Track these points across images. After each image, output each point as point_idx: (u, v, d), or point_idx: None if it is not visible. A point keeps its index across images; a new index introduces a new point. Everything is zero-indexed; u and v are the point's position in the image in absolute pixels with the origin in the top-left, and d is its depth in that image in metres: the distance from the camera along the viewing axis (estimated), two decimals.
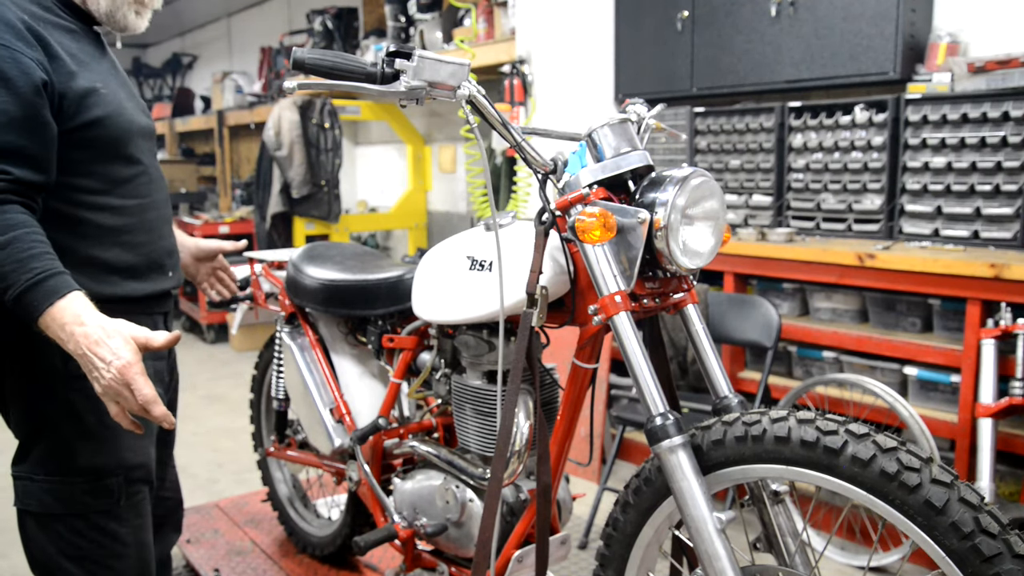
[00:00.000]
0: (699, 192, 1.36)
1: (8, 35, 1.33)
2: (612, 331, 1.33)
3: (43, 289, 1.26)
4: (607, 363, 3.31)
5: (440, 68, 1.29)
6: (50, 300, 1.26)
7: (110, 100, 1.46)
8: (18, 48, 1.32)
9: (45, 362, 1.43)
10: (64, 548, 1.46)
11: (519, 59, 3.77)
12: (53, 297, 1.27)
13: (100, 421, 1.47)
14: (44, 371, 1.43)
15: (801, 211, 3.07)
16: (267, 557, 2.57)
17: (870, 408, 2.61)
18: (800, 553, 1.36)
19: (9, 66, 1.30)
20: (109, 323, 1.28)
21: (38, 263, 1.27)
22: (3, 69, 1.30)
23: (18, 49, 1.32)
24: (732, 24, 3.18)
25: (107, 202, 1.47)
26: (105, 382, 1.25)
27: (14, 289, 1.26)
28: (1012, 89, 2.50)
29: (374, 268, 2.10)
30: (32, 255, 1.27)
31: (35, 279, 1.26)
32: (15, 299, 1.26)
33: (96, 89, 1.43)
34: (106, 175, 1.47)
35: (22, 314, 1.28)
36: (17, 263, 1.26)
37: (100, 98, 1.44)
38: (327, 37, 5.66)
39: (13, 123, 1.30)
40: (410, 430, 2.03)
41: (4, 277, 1.26)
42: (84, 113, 1.41)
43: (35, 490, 1.45)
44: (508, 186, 4.07)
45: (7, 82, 1.30)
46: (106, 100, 1.45)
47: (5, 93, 1.30)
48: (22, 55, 1.32)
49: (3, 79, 1.30)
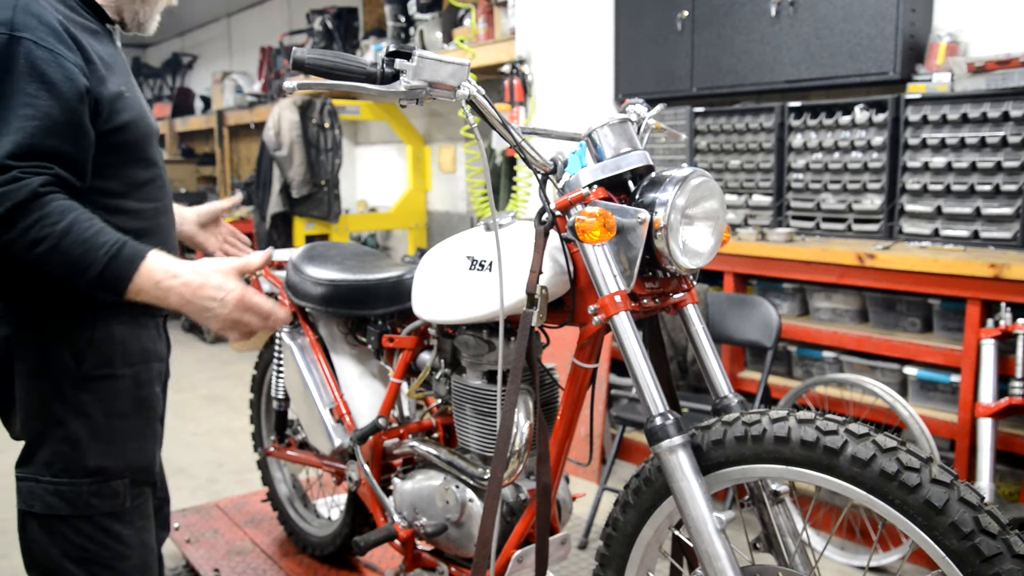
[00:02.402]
0: (699, 192, 1.36)
1: (51, 38, 1.32)
2: (612, 331, 1.33)
3: (122, 258, 1.29)
4: (607, 363, 3.31)
5: (440, 68, 1.29)
6: (135, 265, 1.29)
7: (134, 104, 1.46)
8: (61, 52, 1.32)
9: (56, 361, 1.43)
10: (68, 550, 1.45)
11: (519, 59, 3.77)
12: (136, 262, 1.29)
13: (109, 423, 1.47)
14: (55, 370, 1.43)
15: (801, 211, 3.07)
16: (267, 557, 2.57)
17: (870, 408, 2.61)
18: (800, 553, 1.36)
19: (54, 71, 1.30)
20: (199, 265, 1.34)
21: (105, 236, 1.29)
22: (48, 73, 1.29)
23: (61, 54, 1.32)
24: (732, 24, 3.18)
25: (127, 205, 1.46)
26: (224, 316, 1.34)
27: (94, 268, 1.27)
28: (1012, 89, 2.50)
29: (374, 268, 2.10)
30: (95, 231, 1.28)
31: (111, 252, 1.28)
32: (98, 277, 1.28)
33: (122, 93, 1.43)
34: (127, 178, 1.46)
35: (107, 289, 1.30)
36: (85, 243, 1.27)
37: (126, 102, 1.44)
38: (327, 37, 5.66)
39: (56, 128, 1.30)
40: (410, 430, 2.03)
41: (79, 260, 1.27)
42: (114, 118, 1.41)
43: (40, 492, 1.45)
44: (508, 186, 4.07)
45: (51, 87, 1.29)
46: (131, 104, 1.45)
47: (49, 97, 1.29)
48: (66, 60, 1.32)
49: (48, 83, 1.29)
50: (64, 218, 1.26)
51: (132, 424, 1.51)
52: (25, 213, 1.24)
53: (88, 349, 1.44)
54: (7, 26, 1.29)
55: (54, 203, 1.27)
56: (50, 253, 1.26)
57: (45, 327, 1.42)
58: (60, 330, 1.42)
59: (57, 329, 1.42)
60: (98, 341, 1.45)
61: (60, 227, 1.26)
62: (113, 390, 1.47)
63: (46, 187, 1.27)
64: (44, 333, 1.41)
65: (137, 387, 1.51)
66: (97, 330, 1.45)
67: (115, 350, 1.47)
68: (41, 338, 1.41)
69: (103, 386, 1.46)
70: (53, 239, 1.25)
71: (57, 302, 1.42)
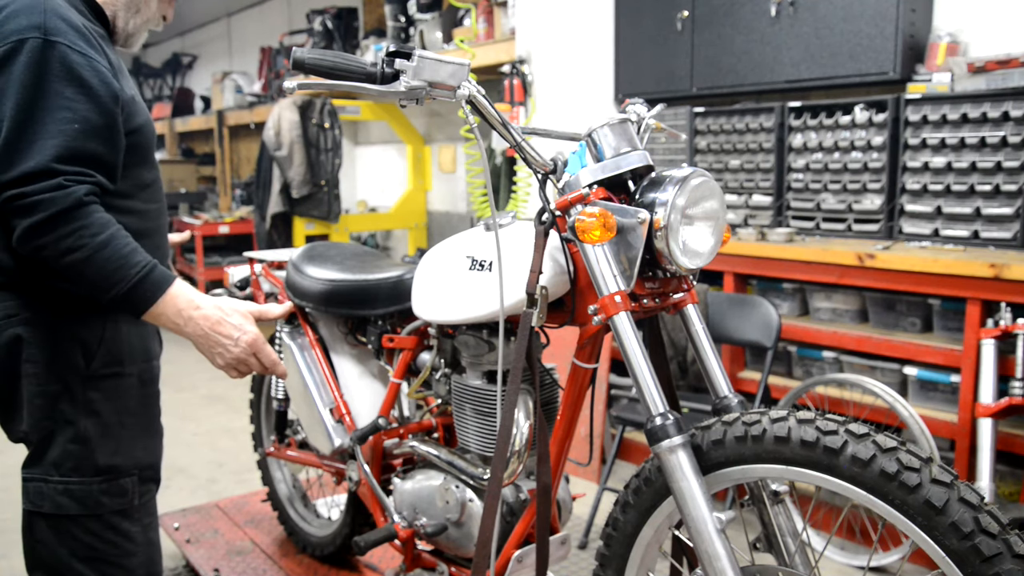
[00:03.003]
0: (699, 192, 1.36)
1: (83, 43, 1.33)
2: (612, 331, 1.33)
3: (151, 281, 1.32)
4: (607, 363, 3.31)
5: (440, 68, 1.29)
6: (162, 290, 1.33)
7: (142, 108, 1.49)
8: (93, 56, 1.34)
9: (66, 360, 1.43)
10: (77, 549, 1.46)
11: (519, 59, 3.77)
12: (164, 286, 1.33)
13: (119, 420, 1.47)
14: (64, 370, 1.43)
15: (801, 211, 3.07)
16: (267, 557, 2.57)
17: (870, 408, 2.61)
18: (800, 553, 1.36)
19: (89, 74, 1.32)
20: (222, 303, 1.40)
21: (139, 257, 1.32)
22: (85, 77, 1.31)
23: (94, 57, 1.34)
24: (732, 24, 3.18)
25: (133, 206, 1.48)
26: (232, 355, 1.40)
27: (123, 284, 1.30)
28: (1012, 89, 2.50)
29: (374, 268, 2.10)
30: (131, 250, 1.31)
31: (142, 272, 1.31)
32: (124, 294, 1.30)
33: (134, 97, 1.46)
34: (135, 179, 1.48)
35: (128, 306, 1.33)
36: (122, 259, 1.30)
37: (137, 106, 1.46)
38: (327, 37, 5.66)
39: (96, 131, 1.31)
40: (410, 430, 2.03)
41: (112, 274, 1.29)
42: (130, 121, 1.43)
43: (49, 492, 1.44)
44: (508, 186, 4.07)
45: (89, 90, 1.31)
46: (141, 107, 1.48)
47: (86, 101, 1.31)
48: (99, 63, 1.34)
49: (85, 87, 1.31)
50: (103, 232, 1.29)
51: (139, 421, 1.52)
52: (67, 221, 1.27)
53: (99, 348, 1.45)
54: (40, 30, 1.30)
55: (95, 215, 1.29)
56: (83, 264, 1.28)
57: (56, 326, 1.42)
58: (71, 329, 1.43)
59: (68, 328, 1.43)
60: (108, 340, 1.46)
61: (98, 240, 1.28)
62: (121, 388, 1.48)
63: (89, 196, 1.29)
64: (55, 332, 1.42)
65: (142, 385, 1.53)
66: (107, 329, 1.46)
67: (123, 348, 1.48)
68: (52, 337, 1.42)
69: (112, 384, 1.47)
70: (89, 250, 1.28)
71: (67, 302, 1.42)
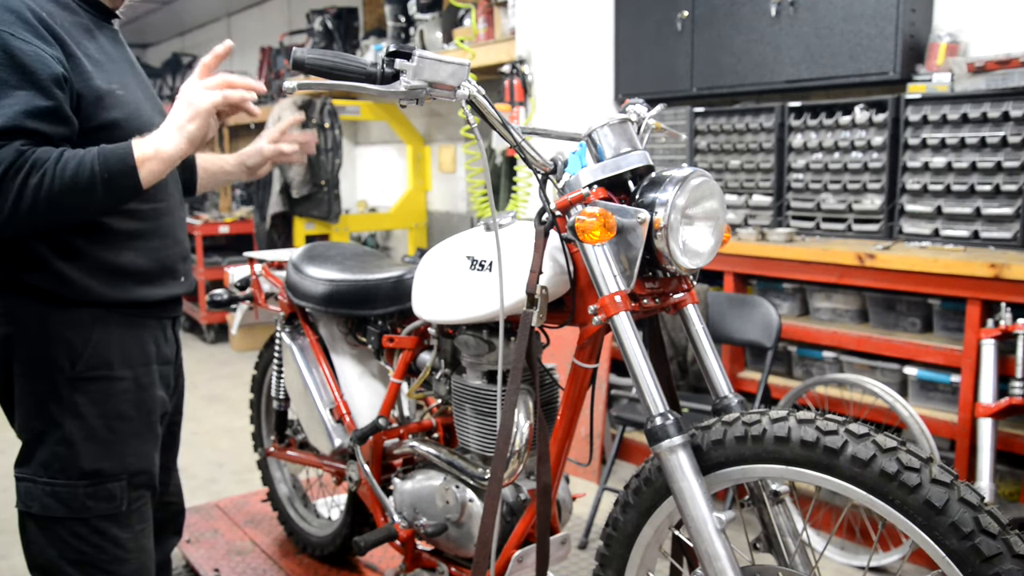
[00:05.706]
0: (699, 192, 1.36)
1: (27, 32, 1.33)
2: (612, 331, 1.33)
3: (109, 151, 1.33)
4: (607, 363, 3.31)
5: (440, 68, 1.29)
6: (125, 148, 1.34)
7: (127, 101, 1.46)
8: (37, 44, 1.34)
9: (51, 363, 1.43)
10: (65, 552, 1.45)
11: (519, 59, 3.77)
12: (125, 146, 1.34)
13: (106, 424, 1.46)
14: (50, 372, 1.43)
15: (801, 211, 3.07)
16: (267, 557, 2.57)
17: (870, 408, 2.61)
18: (800, 553, 1.36)
19: (32, 60, 1.31)
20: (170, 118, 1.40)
21: (86, 150, 1.33)
22: (26, 64, 1.31)
23: (38, 45, 1.33)
24: (732, 24, 3.18)
25: (126, 205, 1.46)
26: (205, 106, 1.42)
27: (95, 174, 1.31)
28: (1012, 89, 2.50)
29: (374, 268, 2.10)
30: (81, 151, 1.32)
31: (97, 155, 1.32)
32: (106, 182, 1.31)
33: (112, 91, 1.44)
34: None
35: (122, 184, 1.34)
36: (77, 162, 1.30)
37: (117, 100, 1.44)
38: (327, 37, 5.65)
39: (38, 112, 1.31)
40: (410, 430, 2.03)
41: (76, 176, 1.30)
42: (101, 115, 1.41)
43: (38, 492, 1.45)
44: (508, 186, 4.07)
45: (31, 75, 1.31)
46: (123, 102, 1.45)
47: (30, 86, 1.31)
48: (42, 51, 1.33)
49: (28, 73, 1.31)
50: (50, 155, 1.29)
51: (130, 427, 1.50)
52: (18, 168, 1.27)
53: (85, 350, 1.44)
54: None
55: (39, 151, 1.30)
56: (52, 185, 1.28)
57: (44, 327, 1.42)
58: (59, 330, 1.42)
59: (56, 329, 1.42)
60: (96, 342, 1.45)
61: (52, 160, 1.29)
62: (110, 392, 1.47)
63: (26, 145, 1.29)
64: (43, 333, 1.41)
65: (138, 389, 1.51)
66: (95, 331, 1.45)
67: (113, 352, 1.47)
68: (39, 338, 1.41)
69: (99, 387, 1.46)
70: (50, 175, 1.28)
71: (57, 303, 1.42)
